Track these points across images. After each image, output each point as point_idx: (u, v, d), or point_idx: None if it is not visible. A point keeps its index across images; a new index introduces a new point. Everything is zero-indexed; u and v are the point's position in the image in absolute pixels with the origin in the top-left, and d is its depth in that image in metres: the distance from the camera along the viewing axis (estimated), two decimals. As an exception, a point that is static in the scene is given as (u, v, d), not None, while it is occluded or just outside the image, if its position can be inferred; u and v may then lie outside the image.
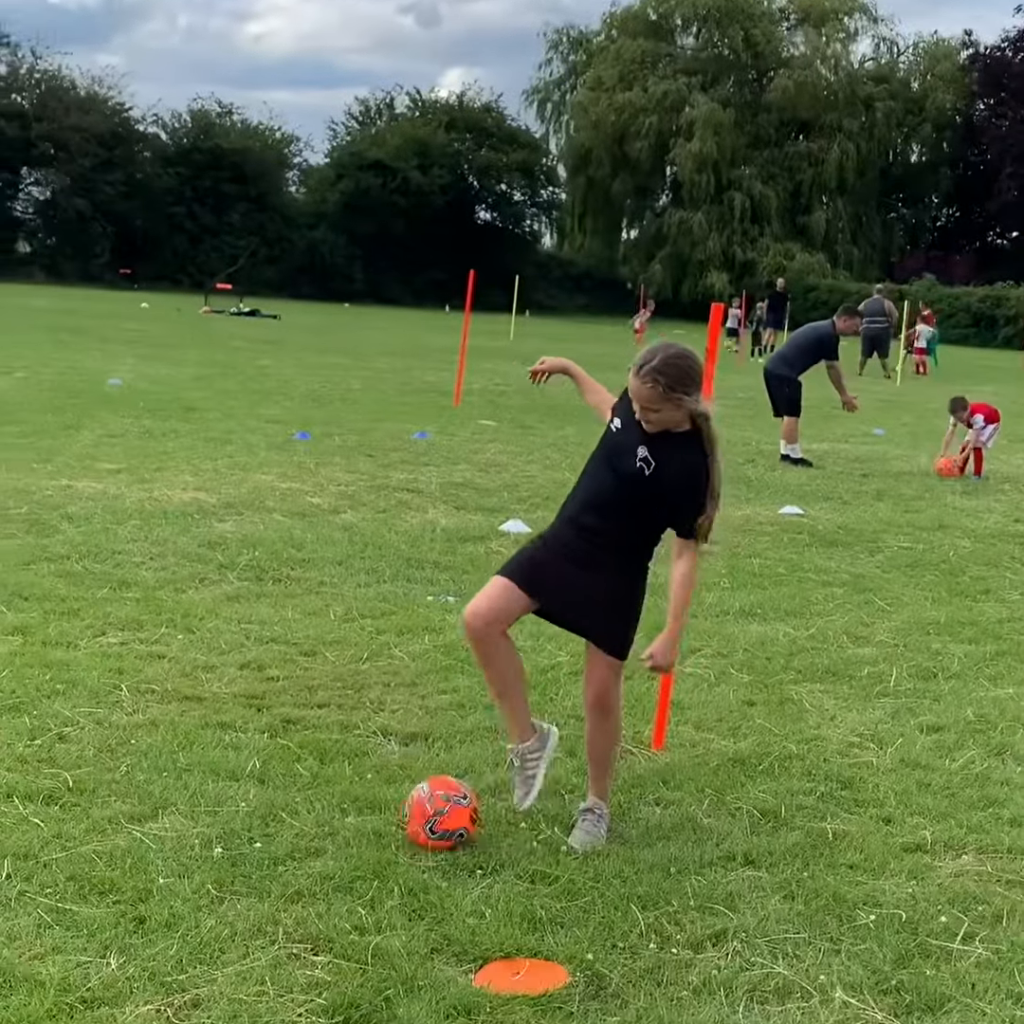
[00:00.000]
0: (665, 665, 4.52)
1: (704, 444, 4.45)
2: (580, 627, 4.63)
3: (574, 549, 4.55)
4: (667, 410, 4.38)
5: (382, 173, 73.52)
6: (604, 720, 4.62)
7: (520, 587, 4.52)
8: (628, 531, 4.52)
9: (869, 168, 76.47)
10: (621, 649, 4.57)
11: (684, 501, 4.43)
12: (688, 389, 4.35)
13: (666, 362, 4.34)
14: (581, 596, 4.52)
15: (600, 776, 4.69)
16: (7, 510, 9.28)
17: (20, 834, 4.26)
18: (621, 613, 4.57)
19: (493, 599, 4.52)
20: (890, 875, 4.43)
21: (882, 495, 13.07)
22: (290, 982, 3.51)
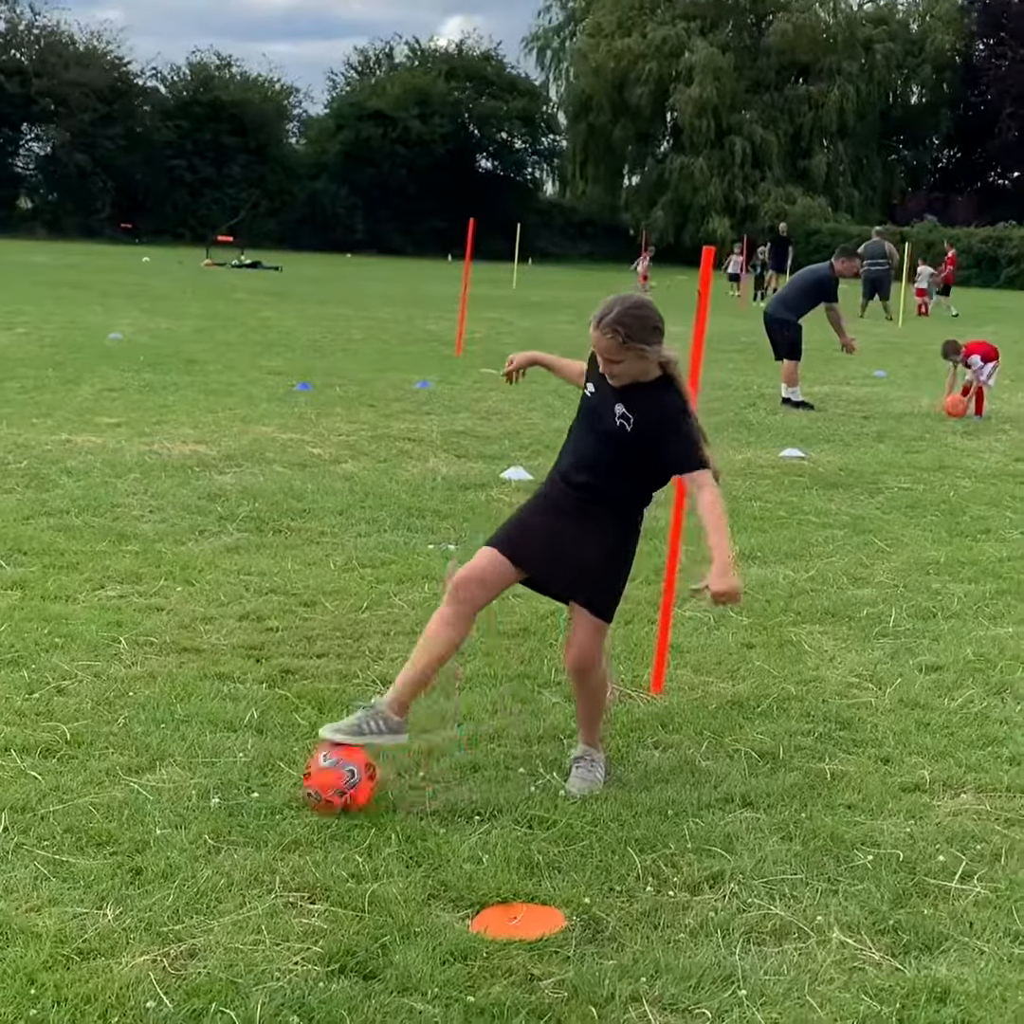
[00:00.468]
0: (724, 592, 4.23)
1: (678, 387, 4.45)
2: (568, 591, 4.57)
3: (567, 509, 4.52)
4: (629, 360, 4.37)
5: (382, 123, 73.01)
6: (587, 679, 4.57)
7: (508, 558, 4.50)
8: (621, 490, 4.50)
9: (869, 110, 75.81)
10: (607, 611, 4.54)
11: (675, 441, 4.39)
12: (648, 338, 4.35)
13: (624, 313, 4.35)
14: (570, 559, 4.49)
15: (588, 726, 4.67)
16: (7, 465, 9.27)
17: (18, 787, 4.27)
18: (609, 575, 4.54)
19: (480, 571, 4.47)
20: (888, 815, 4.43)
21: (883, 436, 13.02)
22: (287, 930, 3.52)
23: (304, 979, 3.29)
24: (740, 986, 3.36)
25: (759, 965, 3.48)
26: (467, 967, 3.39)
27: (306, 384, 14.48)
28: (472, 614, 4.49)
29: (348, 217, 73.05)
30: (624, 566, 4.59)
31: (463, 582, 4.45)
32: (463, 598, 4.45)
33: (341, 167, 73.22)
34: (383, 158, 72.78)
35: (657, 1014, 3.25)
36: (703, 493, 4.42)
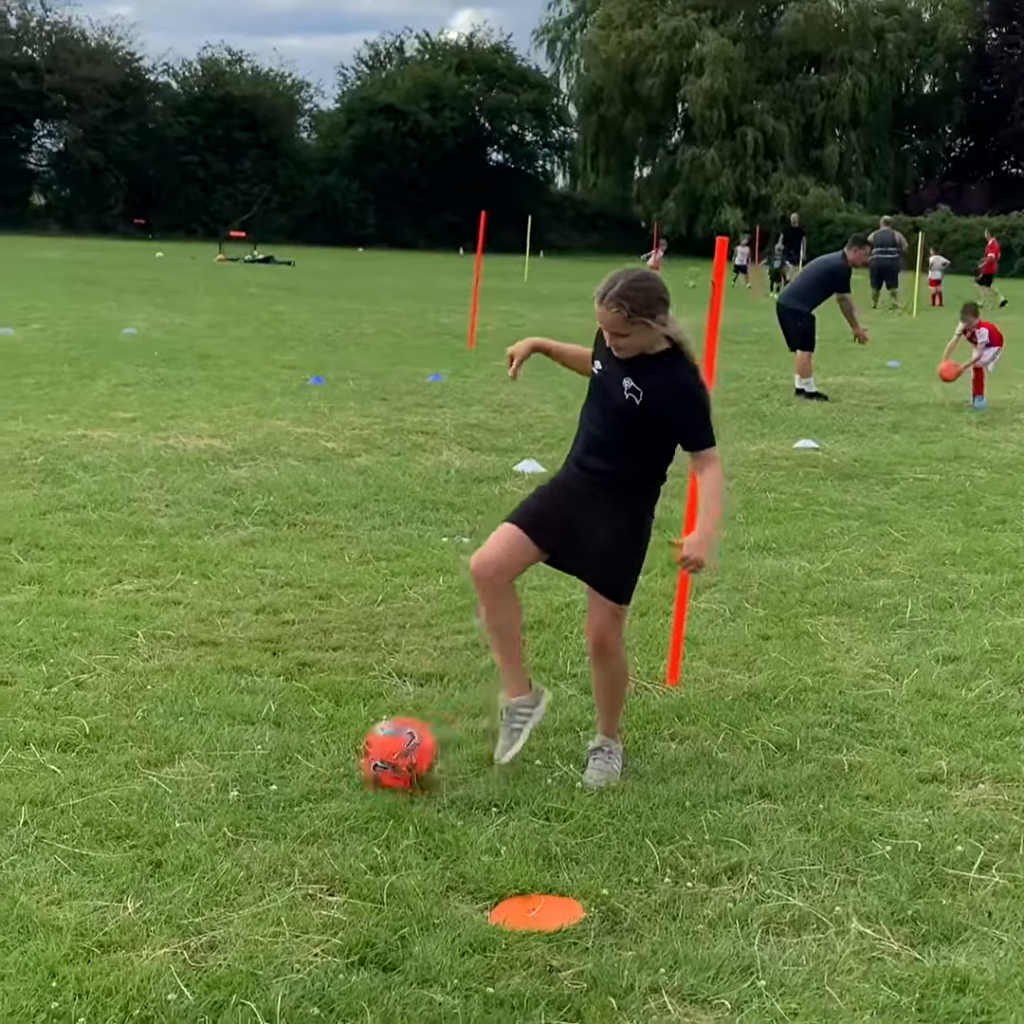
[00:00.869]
0: (692, 559, 4.33)
1: (686, 358, 4.43)
2: (583, 573, 4.60)
3: (579, 493, 4.52)
4: (635, 334, 4.36)
5: (393, 117, 72.95)
6: (606, 663, 4.60)
7: (527, 534, 4.51)
8: (632, 470, 4.49)
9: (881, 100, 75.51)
10: (621, 594, 4.54)
11: (684, 417, 4.40)
12: (652, 311, 4.33)
13: (628, 286, 4.33)
14: (584, 541, 4.49)
15: (607, 716, 4.68)
16: (23, 460, 9.30)
17: (37, 781, 4.29)
18: (624, 558, 4.54)
19: (501, 546, 4.49)
20: (906, 805, 4.42)
21: (898, 427, 12.99)
22: (306, 922, 3.53)
23: (324, 971, 3.30)
24: (759, 977, 3.36)
25: (778, 956, 3.48)
26: (486, 959, 3.40)
27: (319, 378, 14.49)
28: (504, 589, 4.50)
29: (359, 211, 73.04)
30: (638, 548, 4.57)
31: (479, 568, 4.48)
32: (485, 584, 4.48)
33: (352, 161, 73.20)
34: (394, 152, 72.76)
35: (676, 1005, 3.25)
36: (707, 472, 4.43)
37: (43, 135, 72.69)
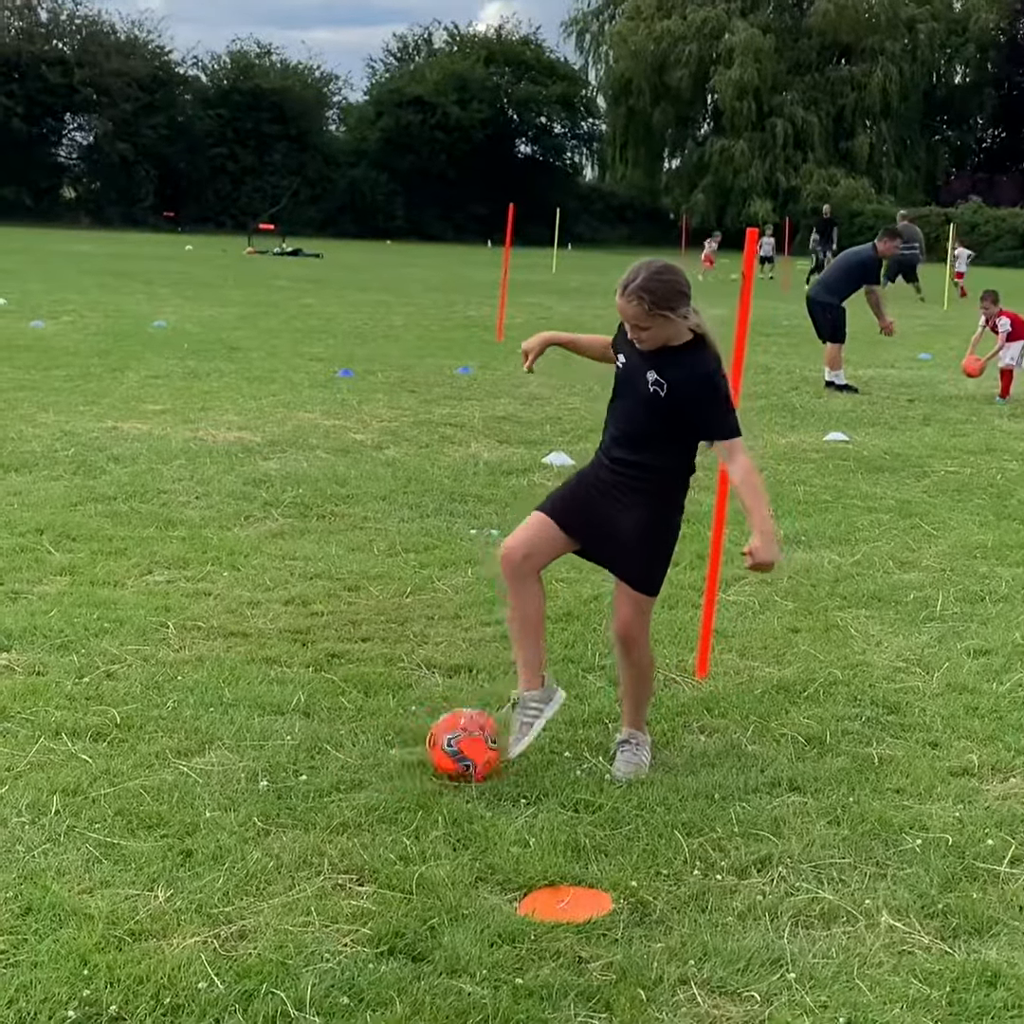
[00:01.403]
0: (766, 561, 4.30)
1: (710, 349, 4.42)
2: (611, 564, 4.59)
3: (608, 485, 4.51)
4: (656, 326, 4.34)
5: (421, 109, 72.98)
6: (630, 654, 4.59)
7: (557, 524, 4.51)
8: (660, 462, 4.47)
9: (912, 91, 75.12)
10: (649, 585, 4.53)
11: (708, 408, 4.38)
12: (673, 304, 4.31)
13: (650, 278, 4.31)
14: (613, 533, 4.48)
15: (633, 707, 4.67)
16: (55, 452, 9.34)
17: (69, 770, 4.31)
18: (652, 549, 4.53)
19: (531, 534, 4.50)
20: (937, 799, 4.41)
21: (929, 420, 12.93)
22: (335, 912, 3.54)
23: (353, 960, 3.31)
24: (789, 969, 3.36)
25: (808, 948, 3.47)
26: (515, 949, 3.40)
27: (348, 371, 14.52)
28: (531, 577, 4.51)
29: (388, 204, 73.10)
30: (666, 540, 4.56)
31: (508, 553, 4.49)
32: (513, 570, 4.49)
33: (381, 154, 73.25)
34: (422, 144, 72.78)
35: (706, 997, 3.25)
36: (735, 461, 4.40)
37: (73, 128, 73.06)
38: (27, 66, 66.98)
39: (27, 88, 67.01)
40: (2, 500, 7.85)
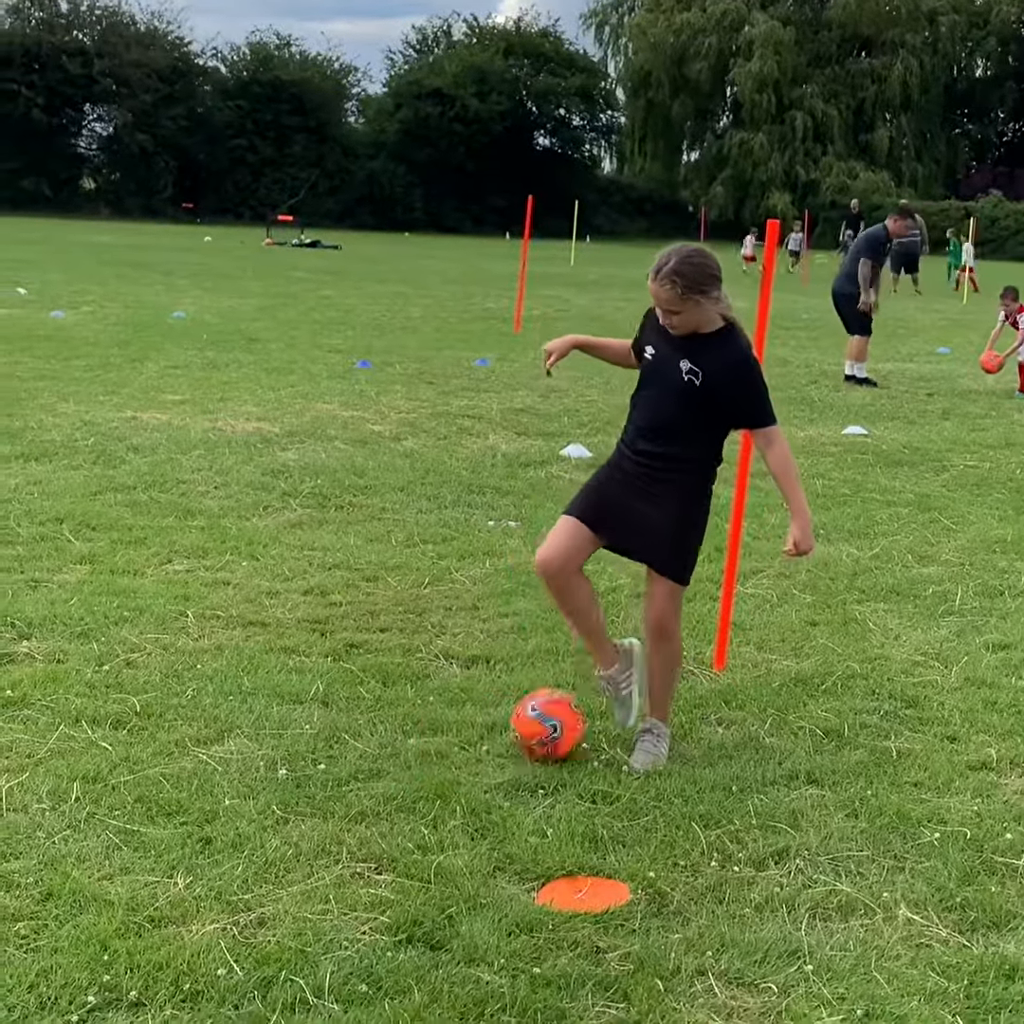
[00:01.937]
0: (807, 551, 4.55)
1: (741, 335, 4.43)
2: (643, 556, 4.60)
3: (635, 478, 4.51)
4: (688, 311, 4.35)
5: (440, 101, 72.99)
6: (664, 645, 4.60)
7: (587, 525, 4.52)
8: (690, 452, 4.48)
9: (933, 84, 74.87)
10: (682, 574, 4.55)
11: (745, 395, 4.40)
12: (706, 288, 4.32)
13: (682, 262, 4.31)
14: (644, 525, 4.49)
15: (660, 698, 4.68)
16: (75, 442, 9.37)
17: (89, 757, 4.33)
18: (683, 538, 4.54)
19: (563, 540, 4.52)
20: (955, 793, 4.40)
21: (948, 414, 12.89)
22: (354, 900, 3.55)
23: (372, 948, 3.32)
24: (806, 961, 3.36)
25: (825, 941, 3.47)
26: (533, 939, 3.41)
27: (366, 362, 14.53)
28: (572, 580, 4.55)
29: (406, 196, 73.16)
30: (697, 528, 4.57)
31: (543, 564, 4.53)
32: (552, 581, 4.54)
33: (399, 146, 73.30)
34: (441, 136, 72.79)
35: (723, 988, 3.25)
36: (773, 448, 4.43)
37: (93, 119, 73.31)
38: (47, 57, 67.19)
39: (47, 79, 67.20)
40: (23, 489, 7.88)
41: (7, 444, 9.16)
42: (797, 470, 4.54)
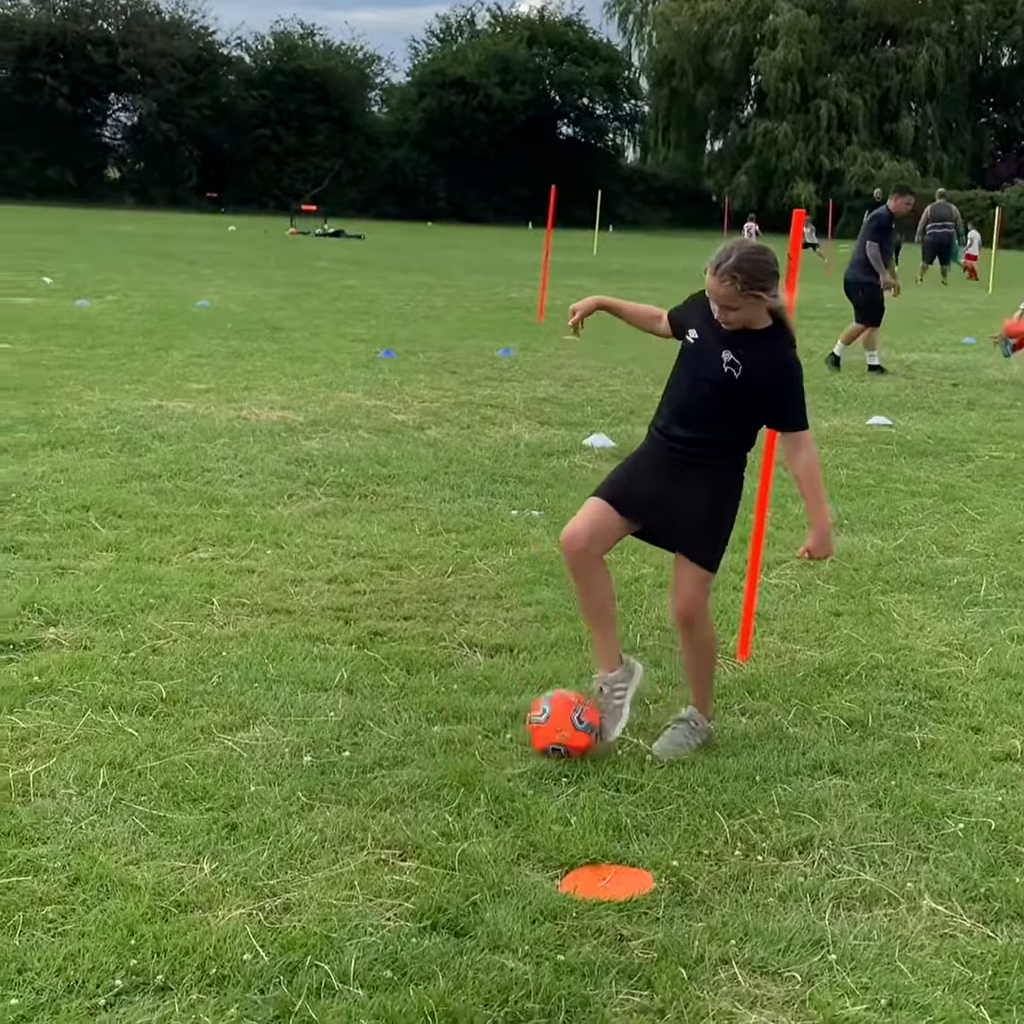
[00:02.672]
0: (824, 556, 4.58)
1: (788, 333, 4.41)
2: (674, 543, 4.59)
3: (665, 462, 4.50)
4: (746, 307, 4.32)
5: (464, 91, 72.96)
6: (694, 633, 4.59)
7: (615, 508, 4.51)
8: (722, 440, 4.46)
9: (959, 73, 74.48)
10: (712, 560, 4.54)
11: (781, 396, 4.39)
12: (765, 285, 4.29)
13: (742, 259, 4.27)
14: (675, 512, 4.48)
15: (697, 688, 4.66)
16: (101, 430, 9.41)
17: (115, 743, 4.36)
18: (713, 526, 4.52)
19: (590, 521, 4.50)
20: (979, 783, 4.39)
21: (973, 404, 12.84)
22: (379, 887, 3.57)
23: (397, 934, 3.34)
24: (830, 951, 3.36)
25: (849, 930, 3.47)
26: (557, 926, 3.42)
27: (390, 351, 14.55)
28: (595, 563, 4.53)
29: (429, 185, 73.16)
30: (728, 515, 4.55)
31: (569, 542, 4.50)
32: (576, 559, 4.51)
33: (422, 135, 73.31)
34: (464, 126, 72.78)
35: (747, 976, 3.25)
36: (801, 453, 4.42)
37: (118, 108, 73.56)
38: (72, 46, 67.39)
39: (72, 68, 67.42)
40: (49, 477, 7.92)
41: (34, 432, 9.21)
42: (820, 478, 4.51)
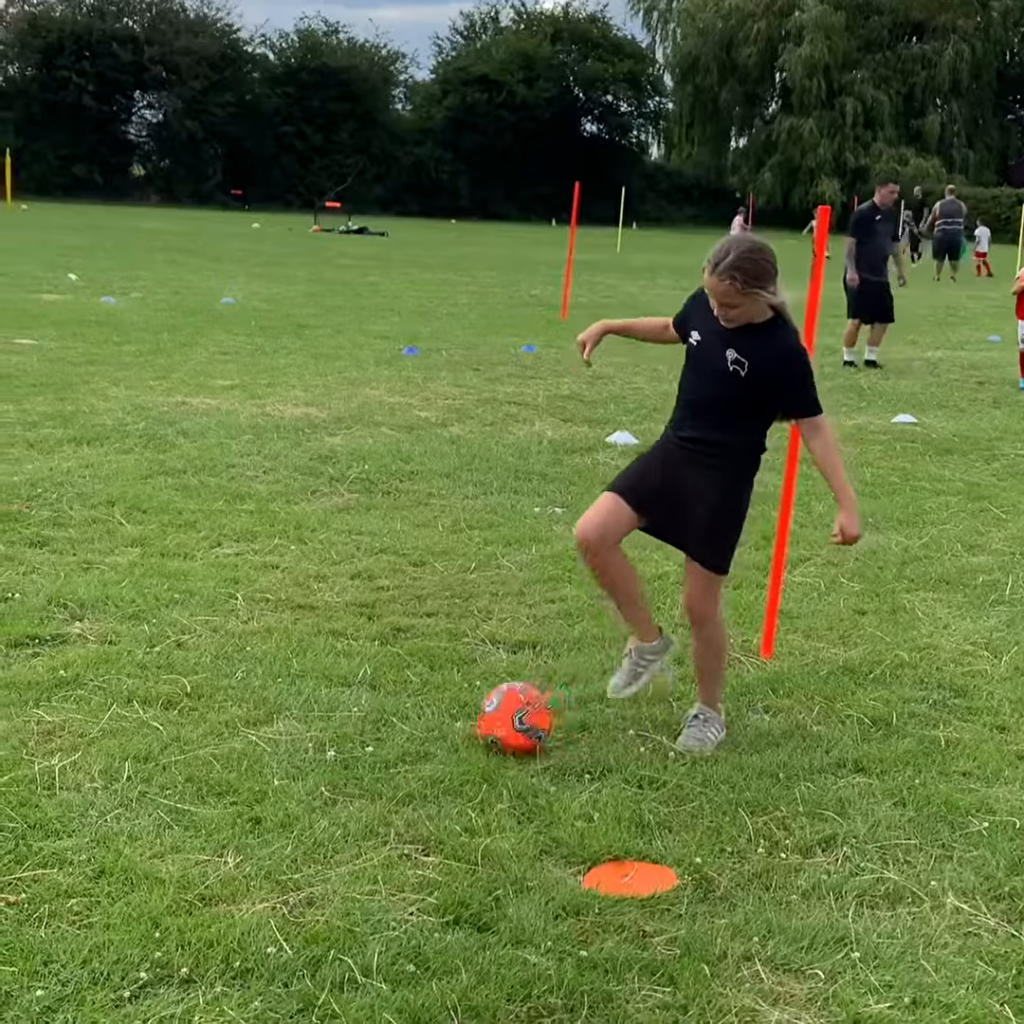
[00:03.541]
0: (854, 536, 4.49)
1: (788, 324, 4.40)
2: (682, 543, 4.59)
3: (678, 462, 4.51)
4: (746, 305, 4.32)
5: (487, 88, 72.93)
6: (701, 630, 4.61)
7: (628, 503, 4.52)
8: (732, 440, 4.46)
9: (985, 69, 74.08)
10: (719, 563, 4.53)
11: (792, 384, 4.38)
12: (764, 283, 4.28)
13: (741, 257, 4.26)
14: (684, 511, 4.48)
15: (705, 684, 4.68)
16: (126, 426, 9.45)
17: (140, 737, 4.37)
18: (723, 527, 4.52)
19: (603, 515, 4.51)
20: (1004, 783, 4.38)
21: (999, 403, 12.78)
22: (402, 881, 3.58)
23: (419, 929, 3.35)
24: (853, 948, 3.35)
25: (872, 928, 3.47)
26: (579, 922, 3.42)
27: (413, 348, 14.56)
28: (610, 553, 4.54)
29: (453, 183, 73.17)
30: (736, 518, 4.54)
31: (583, 535, 4.51)
32: (590, 552, 4.53)
33: (446, 133, 73.33)
34: (488, 123, 72.75)
35: (770, 973, 3.25)
36: (819, 437, 4.41)
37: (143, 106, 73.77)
38: (98, 44, 67.63)
39: (98, 66, 67.66)
40: (75, 472, 7.96)
41: (60, 428, 9.26)
42: (842, 459, 4.50)
